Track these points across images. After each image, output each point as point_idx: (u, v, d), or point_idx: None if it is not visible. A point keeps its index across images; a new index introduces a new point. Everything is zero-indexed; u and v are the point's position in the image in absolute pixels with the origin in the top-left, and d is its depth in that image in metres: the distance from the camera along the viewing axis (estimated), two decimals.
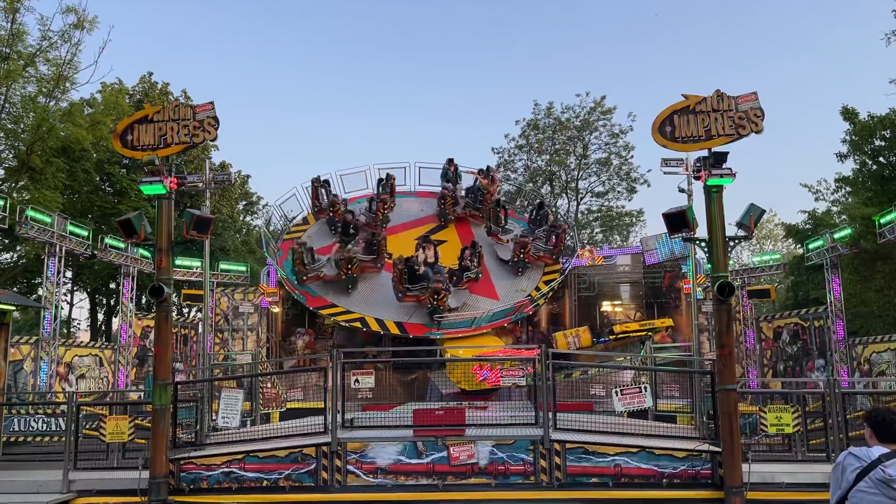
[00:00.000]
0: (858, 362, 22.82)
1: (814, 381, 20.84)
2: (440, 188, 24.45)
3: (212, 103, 12.09)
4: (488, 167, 25.17)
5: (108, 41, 48.42)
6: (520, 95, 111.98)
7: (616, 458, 11.25)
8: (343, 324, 20.91)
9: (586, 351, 21.23)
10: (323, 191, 24.03)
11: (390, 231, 23.15)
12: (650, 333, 22.40)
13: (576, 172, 45.20)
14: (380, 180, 24.51)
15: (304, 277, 21.09)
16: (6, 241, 32.44)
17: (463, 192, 24.44)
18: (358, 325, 20.41)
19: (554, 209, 28.14)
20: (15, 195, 27.23)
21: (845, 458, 3.85)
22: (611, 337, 22.52)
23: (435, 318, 19.87)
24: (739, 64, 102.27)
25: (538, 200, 25.19)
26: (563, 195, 45.29)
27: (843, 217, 28.59)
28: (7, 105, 28.91)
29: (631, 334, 22.53)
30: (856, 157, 25.52)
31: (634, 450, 11.28)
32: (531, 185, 37.26)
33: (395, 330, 20.09)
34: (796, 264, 34.37)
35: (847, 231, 23.39)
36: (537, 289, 21.90)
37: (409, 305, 20.68)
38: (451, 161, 24.88)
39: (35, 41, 29.22)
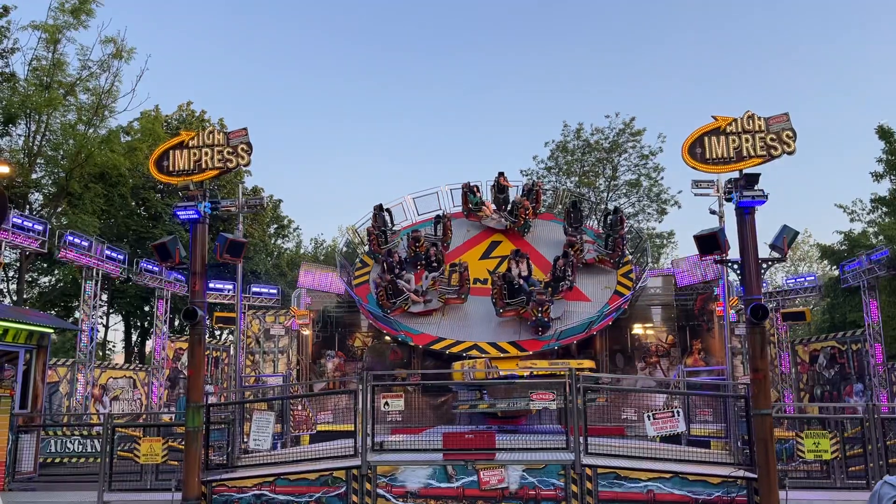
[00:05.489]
0: None
1: (852, 406, 20.34)
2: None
3: (245, 129, 12.25)
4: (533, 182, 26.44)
5: (146, 70, 49.62)
6: (550, 117, 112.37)
7: (649, 483, 11.06)
8: (461, 355, 20.09)
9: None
10: (387, 216, 24.45)
11: (448, 256, 23.32)
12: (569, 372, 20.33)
13: (605, 194, 45.05)
14: (436, 220, 24.59)
15: (388, 311, 21.21)
16: (45, 265, 33.26)
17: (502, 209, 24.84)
18: (475, 352, 20.00)
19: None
20: (54, 220, 27.95)
21: (881, 486, 3.79)
22: (519, 374, 18.92)
23: (557, 331, 19.81)
24: (771, 85, 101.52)
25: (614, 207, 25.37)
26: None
27: (880, 238, 28.07)
28: (48, 133, 29.81)
29: (539, 372, 18.47)
30: (892, 177, 25.14)
31: (668, 475, 11.07)
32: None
33: (513, 350, 19.93)
34: (832, 286, 33.73)
35: (884, 252, 22.94)
36: (620, 283, 21.90)
37: (513, 323, 20.77)
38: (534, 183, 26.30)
39: (75, 71, 30.21)
